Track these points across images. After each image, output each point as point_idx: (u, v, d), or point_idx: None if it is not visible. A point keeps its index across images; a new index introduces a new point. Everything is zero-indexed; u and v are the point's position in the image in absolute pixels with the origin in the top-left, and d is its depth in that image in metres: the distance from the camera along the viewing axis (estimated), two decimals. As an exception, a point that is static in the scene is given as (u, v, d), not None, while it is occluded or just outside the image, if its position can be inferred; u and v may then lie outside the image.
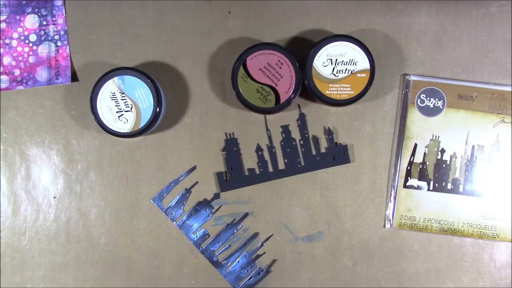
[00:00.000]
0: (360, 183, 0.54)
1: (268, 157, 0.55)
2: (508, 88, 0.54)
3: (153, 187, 0.55)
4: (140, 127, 0.51)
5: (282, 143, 0.55)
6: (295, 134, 0.55)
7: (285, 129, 0.55)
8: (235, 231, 0.55)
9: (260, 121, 0.55)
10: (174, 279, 0.55)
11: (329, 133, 0.54)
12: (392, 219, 0.54)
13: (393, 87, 0.55)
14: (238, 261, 0.55)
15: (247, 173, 0.55)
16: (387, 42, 0.54)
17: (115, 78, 0.50)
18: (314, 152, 0.55)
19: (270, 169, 0.55)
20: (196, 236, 0.55)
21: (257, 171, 0.55)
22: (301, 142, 0.55)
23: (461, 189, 0.54)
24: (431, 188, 0.54)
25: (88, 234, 0.55)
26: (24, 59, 0.55)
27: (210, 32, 0.55)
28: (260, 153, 0.55)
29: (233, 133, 0.55)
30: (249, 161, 0.55)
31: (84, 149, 0.55)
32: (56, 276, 0.55)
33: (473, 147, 0.54)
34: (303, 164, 0.55)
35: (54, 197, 0.55)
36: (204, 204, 0.55)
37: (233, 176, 0.55)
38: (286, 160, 0.55)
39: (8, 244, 0.55)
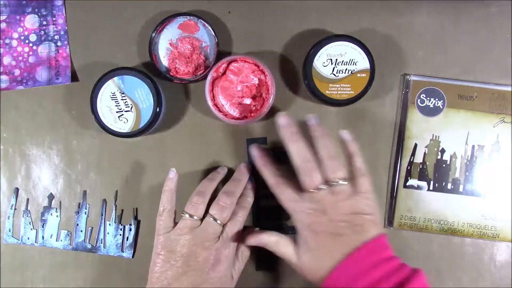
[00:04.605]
0: (360, 183, 0.54)
1: None
2: (508, 88, 0.54)
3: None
4: (140, 127, 0.51)
5: None
6: None
7: None
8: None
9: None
10: (174, 279, 0.55)
11: None
12: (392, 219, 0.54)
13: (393, 87, 0.54)
14: (238, 261, 0.55)
15: None
16: (387, 42, 0.54)
17: (115, 78, 0.50)
18: None
19: None
20: (196, 236, 0.55)
21: None
22: None
23: (461, 189, 0.54)
24: (431, 188, 0.54)
25: (88, 234, 0.55)
26: (24, 59, 0.55)
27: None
28: None
29: None
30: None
31: (84, 149, 0.55)
32: (56, 276, 0.55)
33: (473, 147, 0.54)
34: None
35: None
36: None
37: None
38: None
39: (8, 244, 0.55)
